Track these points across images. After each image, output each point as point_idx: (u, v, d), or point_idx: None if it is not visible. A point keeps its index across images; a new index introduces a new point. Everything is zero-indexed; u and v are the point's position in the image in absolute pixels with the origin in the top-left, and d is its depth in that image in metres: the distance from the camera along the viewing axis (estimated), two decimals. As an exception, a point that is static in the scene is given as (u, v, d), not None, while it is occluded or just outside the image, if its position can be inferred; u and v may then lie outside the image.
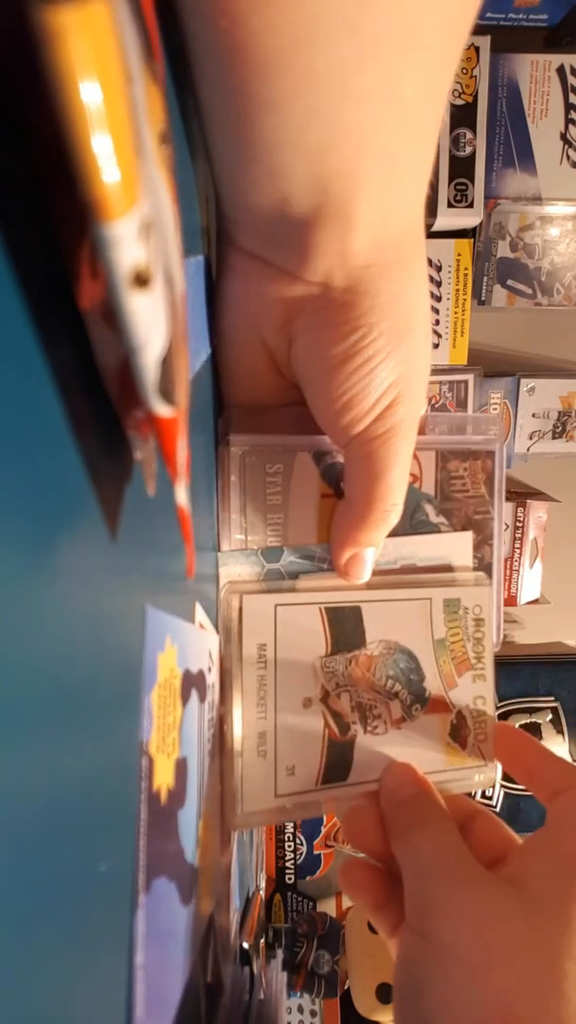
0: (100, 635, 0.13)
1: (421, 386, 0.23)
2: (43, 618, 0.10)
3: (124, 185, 0.08)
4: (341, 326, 0.21)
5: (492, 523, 0.31)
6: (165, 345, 0.11)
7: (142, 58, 0.10)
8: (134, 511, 0.14)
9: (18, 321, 0.10)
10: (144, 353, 0.11)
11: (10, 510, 0.09)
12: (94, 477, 0.12)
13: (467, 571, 0.30)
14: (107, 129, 0.08)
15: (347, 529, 0.25)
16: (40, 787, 0.10)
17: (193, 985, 0.20)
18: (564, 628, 0.79)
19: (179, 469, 0.13)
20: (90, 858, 0.12)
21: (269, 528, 0.27)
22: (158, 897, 0.16)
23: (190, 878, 0.20)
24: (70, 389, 0.11)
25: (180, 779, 0.18)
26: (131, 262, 0.09)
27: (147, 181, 0.10)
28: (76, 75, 0.07)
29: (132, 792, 0.15)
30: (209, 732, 0.23)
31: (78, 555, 0.12)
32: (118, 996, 0.14)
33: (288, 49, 0.15)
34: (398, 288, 0.21)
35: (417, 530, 0.29)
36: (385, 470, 0.23)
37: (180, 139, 0.18)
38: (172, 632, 0.18)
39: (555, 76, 0.67)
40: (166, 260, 0.12)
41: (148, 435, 0.13)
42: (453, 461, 0.30)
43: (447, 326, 0.69)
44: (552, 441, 0.75)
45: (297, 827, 0.70)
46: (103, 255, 0.09)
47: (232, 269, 0.22)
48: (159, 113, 0.12)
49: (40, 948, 0.10)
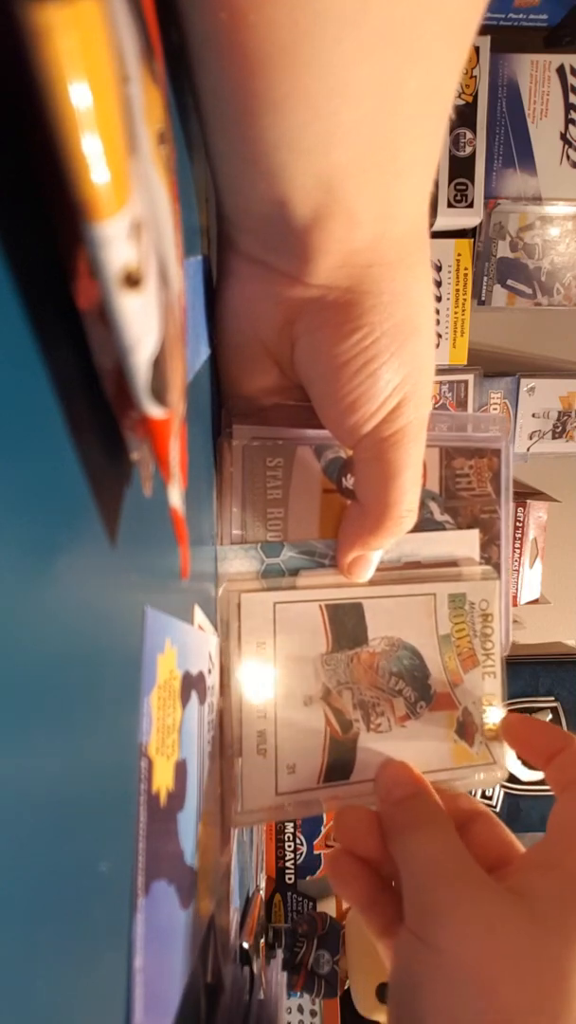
0: (99, 637, 0.13)
1: (428, 387, 0.23)
2: (42, 619, 0.10)
3: (114, 185, 0.08)
4: (344, 326, 0.21)
5: (499, 522, 0.30)
6: (158, 346, 0.11)
7: (141, 57, 0.10)
8: (133, 512, 0.14)
9: (18, 321, 0.10)
10: (135, 353, 0.11)
11: (9, 512, 0.09)
12: (93, 479, 0.12)
13: (473, 564, 0.30)
14: (96, 129, 0.08)
15: (358, 533, 0.25)
16: (39, 789, 0.10)
17: (193, 986, 0.20)
18: (564, 628, 0.79)
19: (172, 470, 0.13)
20: (89, 860, 0.12)
21: (269, 523, 0.27)
22: (157, 899, 0.16)
23: (190, 880, 0.20)
24: (70, 390, 0.11)
25: (180, 781, 0.18)
26: (121, 262, 0.09)
27: (141, 181, 0.10)
28: (64, 74, 0.07)
29: (131, 794, 0.15)
30: (209, 734, 0.23)
31: (77, 557, 0.12)
32: (118, 998, 0.14)
33: (288, 45, 0.15)
34: (401, 287, 0.20)
35: (421, 528, 0.29)
36: (397, 472, 0.23)
37: (181, 140, 0.18)
38: (172, 634, 0.18)
39: (555, 76, 0.67)
40: (161, 260, 0.12)
41: (143, 436, 0.13)
42: (458, 459, 0.30)
43: (447, 326, 0.69)
44: (552, 441, 0.75)
45: (297, 827, 0.70)
46: (92, 255, 0.09)
47: (232, 273, 0.22)
48: (158, 113, 0.12)
49: (39, 950, 0.10)
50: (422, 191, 0.19)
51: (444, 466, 0.30)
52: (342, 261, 0.19)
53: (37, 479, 0.10)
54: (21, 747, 0.10)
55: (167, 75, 0.16)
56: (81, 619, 0.12)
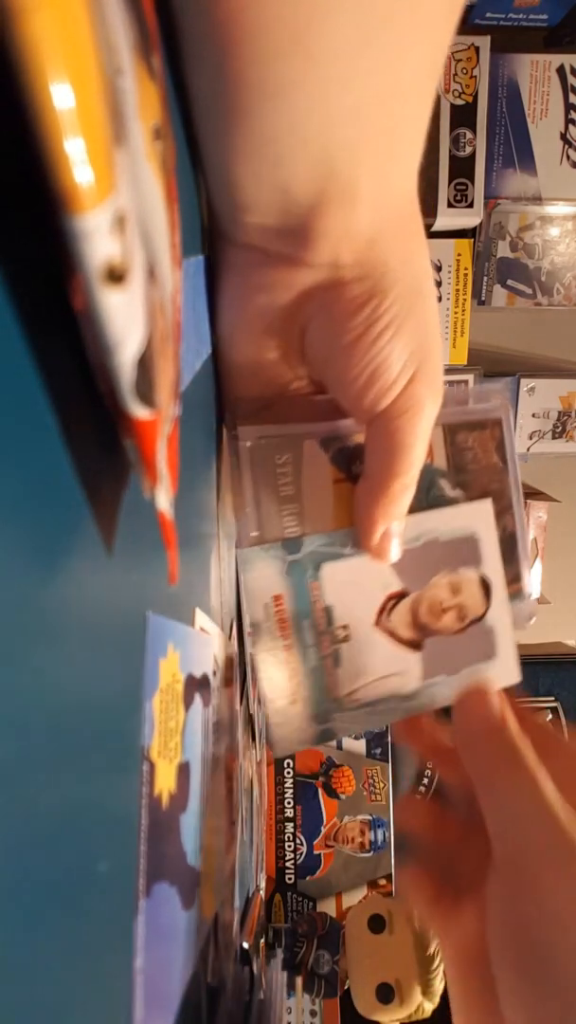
0: (101, 641, 0.13)
1: (439, 350, 0.23)
2: (43, 621, 0.10)
3: (96, 177, 0.08)
4: (355, 300, 0.21)
5: (509, 491, 0.31)
6: (143, 344, 0.11)
7: (136, 51, 0.10)
8: (134, 515, 0.14)
9: (12, 321, 0.10)
10: (119, 352, 0.10)
11: (8, 514, 0.09)
12: (92, 481, 0.12)
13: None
14: (76, 119, 0.08)
15: (370, 505, 0.25)
16: (41, 791, 0.10)
17: (194, 986, 0.20)
18: (564, 628, 0.79)
19: (158, 473, 0.13)
20: (90, 862, 0.12)
21: (285, 519, 0.27)
22: (159, 901, 0.16)
23: (192, 882, 0.20)
24: (66, 392, 0.11)
25: (182, 784, 0.18)
26: (103, 257, 0.09)
27: (128, 175, 0.10)
28: (43, 61, 0.07)
29: (132, 797, 0.15)
30: (214, 736, 0.23)
31: (77, 560, 0.12)
32: (119, 998, 0.14)
33: (289, 35, 0.15)
34: (404, 255, 0.21)
35: (435, 505, 0.29)
36: (409, 445, 0.23)
37: (184, 141, 0.18)
38: (174, 638, 0.18)
39: (555, 76, 0.67)
40: (151, 256, 0.12)
41: (129, 437, 0.13)
42: (461, 433, 0.30)
43: (447, 326, 0.69)
44: (552, 441, 0.75)
45: (297, 827, 0.70)
46: (72, 248, 0.09)
47: (232, 266, 0.22)
48: (154, 108, 0.12)
49: (41, 951, 0.10)
50: (416, 160, 0.20)
51: (449, 443, 0.30)
52: (346, 239, 0.20)
53: (36, 483, 0.10)
54: (22, 750, 0.10)
55: (169, 73, 0.16)
56: (83, 623, 0.12)
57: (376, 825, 0.70)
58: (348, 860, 0.70)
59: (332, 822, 0.70)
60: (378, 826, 0.70)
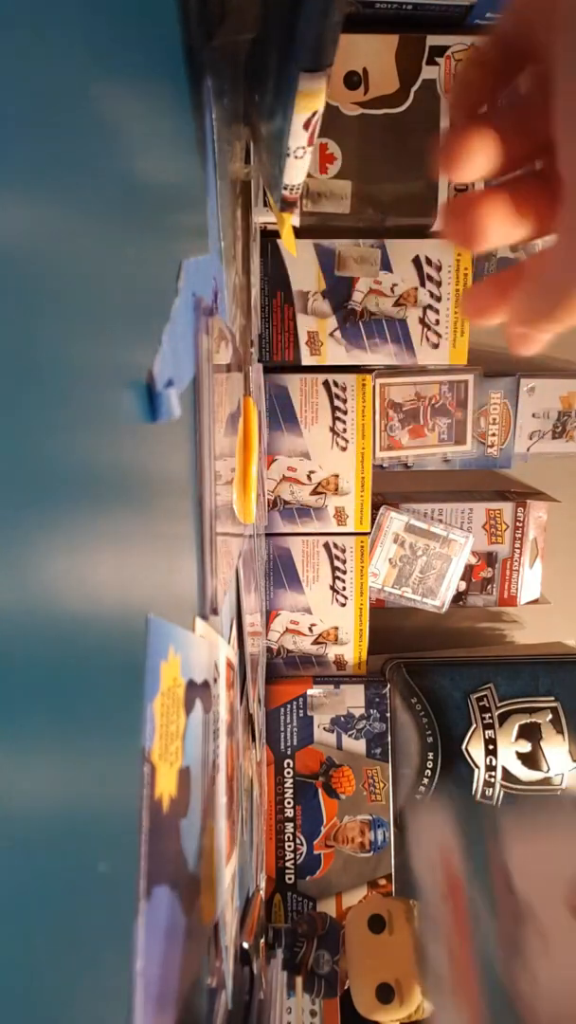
0: (102, 643, 0.13)
1: None
2: (43, 623, 0.10)
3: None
4: None
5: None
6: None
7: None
8: (134, 517, 0.14)
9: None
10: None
11: (8, 517, 0.09)
12: (90, 483, 0.12)
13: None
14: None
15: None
16: (42, 793, 0.10)
17: (194, 987, 0.20)
18: (564, 628, 0.79)
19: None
20: (91, 864, 0.12)
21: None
22: (158, 904, 0.16)
23: (192, 884, 0.20)
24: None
25: (183, 788, 0.18)
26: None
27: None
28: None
29: (133, 799, 0.15)
30: (214, 743, 0.23)
31: (78, 562, 0.12)
32: (119, 999, 0.14)
33: None
34: None
35: None
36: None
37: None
38: (176, 642, 0.18)
39: (556, 76, 0.66)
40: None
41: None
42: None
43: (447, 326, 0.69)
44: (552, 441, 0.75)
45: (297, 827, 0.70)
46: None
47: None
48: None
49: (42, 952, 0.10)
50: None
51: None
52: None
53: (35, 485, 0.10)
54: (24, 751, 0.10)
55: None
56: (83, 625, 0.12)
57: (376, 825, 0.70)
58: (348, 860, 0.70)
59: (332, 822, 0.70)
60: (378, 826, 0.70)
